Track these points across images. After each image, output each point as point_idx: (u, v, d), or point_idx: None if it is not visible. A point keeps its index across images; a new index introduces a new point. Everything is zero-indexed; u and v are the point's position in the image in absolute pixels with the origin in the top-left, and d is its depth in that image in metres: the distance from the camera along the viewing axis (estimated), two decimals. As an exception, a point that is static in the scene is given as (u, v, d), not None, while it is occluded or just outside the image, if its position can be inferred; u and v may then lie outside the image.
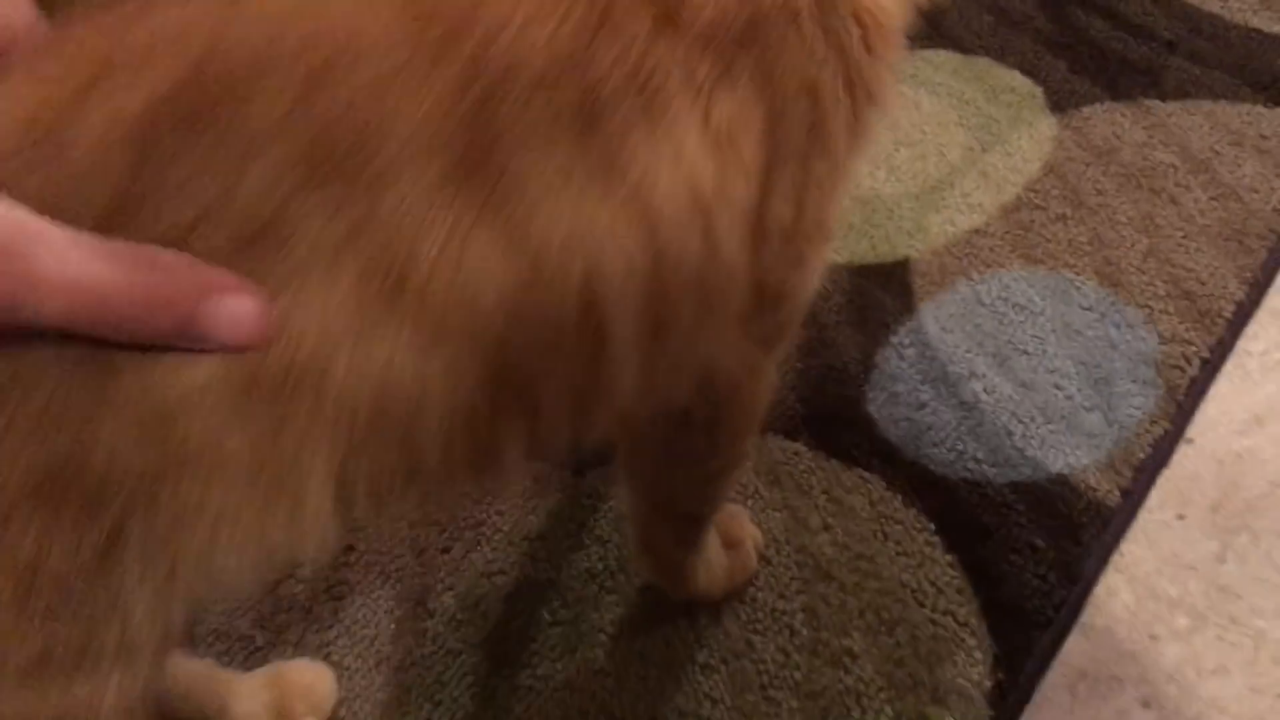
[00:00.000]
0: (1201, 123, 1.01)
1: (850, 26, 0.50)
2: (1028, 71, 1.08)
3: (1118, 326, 0.87)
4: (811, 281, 0.57)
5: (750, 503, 0.80)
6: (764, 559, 0.77)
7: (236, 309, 0.38)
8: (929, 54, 1.12)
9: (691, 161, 0.44)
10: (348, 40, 0.39)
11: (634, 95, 0.43)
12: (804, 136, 0.50)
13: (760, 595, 0.75)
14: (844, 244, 0.95)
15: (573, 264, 0.41)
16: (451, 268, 0.39)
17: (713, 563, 0.73)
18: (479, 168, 0.40)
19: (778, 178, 0.49)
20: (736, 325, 0.52)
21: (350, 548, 0.81)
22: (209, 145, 0.37)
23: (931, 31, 1.13)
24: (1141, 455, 0.80)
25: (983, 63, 1.10)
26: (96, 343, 0.36)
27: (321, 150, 0.38)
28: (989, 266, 0.92)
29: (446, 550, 0.80)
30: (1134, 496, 0.78)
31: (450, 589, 0.77)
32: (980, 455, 0.81)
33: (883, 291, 0.92)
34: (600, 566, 0.77)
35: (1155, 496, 0.79)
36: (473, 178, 0.40)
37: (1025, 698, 0.70)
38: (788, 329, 0.58)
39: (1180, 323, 0.87)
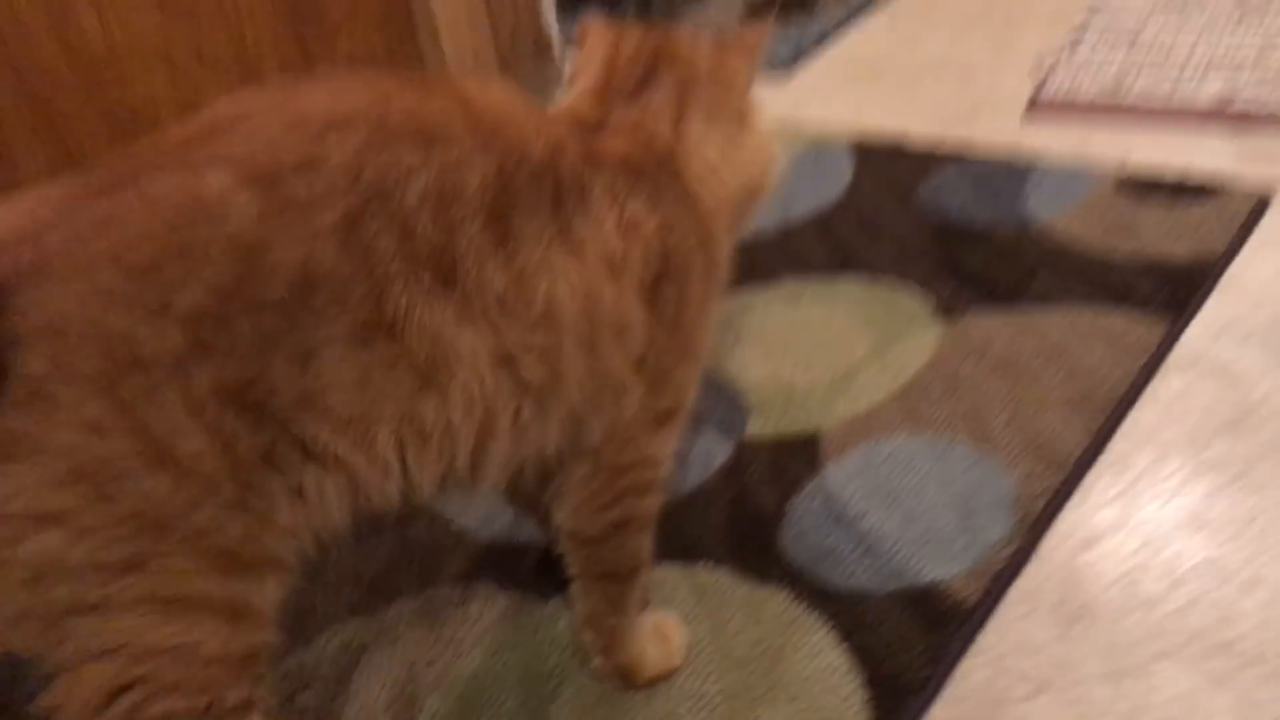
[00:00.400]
0: (1059, 321, 1.25)
1: (698, 187, 0.83)
2: (921, 288, 1.33)
3: (984, 473, 1.08)
4: (691, 379, 0.84)
5: (680, 613, 0.99)
6: (690, 654, 0.95)
7: None
8: (845, 276, 1.38)
9: (609, 237, 0.76)
10: (444, 127, 0.70)
11: (578, 192, 0.76)
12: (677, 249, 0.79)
13: (687, 681, 0.93)
14: (767, 422, 1.18)
15: (540, 284, 0.72)
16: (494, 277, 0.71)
17: (646, 643, 0.92)
18: (501, 221, 0.71)
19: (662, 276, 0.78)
20: (635, 376, 0.78)
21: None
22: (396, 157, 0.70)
23: (848, 260, 1.39)
24: (999, 568, 0.98)
25: (887, 282, 1.35)
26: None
27: (443, 191, 0.69)
28: (882, 435, 1.14)
29: (431, 663, 0.99)
30: (991, 598, 0.97)
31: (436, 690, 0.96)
32: (868, 572, 1.00)
33: (796, 457, 1.13)
34: (555, 668, 0.96)
35: (1009, 598, 0.97)
36: (498, 226, 0.71)
37: (898, 752, 0.87)
38: (674, 417, 0.83)
39: (1034, 469, 1.07)
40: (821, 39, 2.01)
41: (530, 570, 1.06)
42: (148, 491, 0.62)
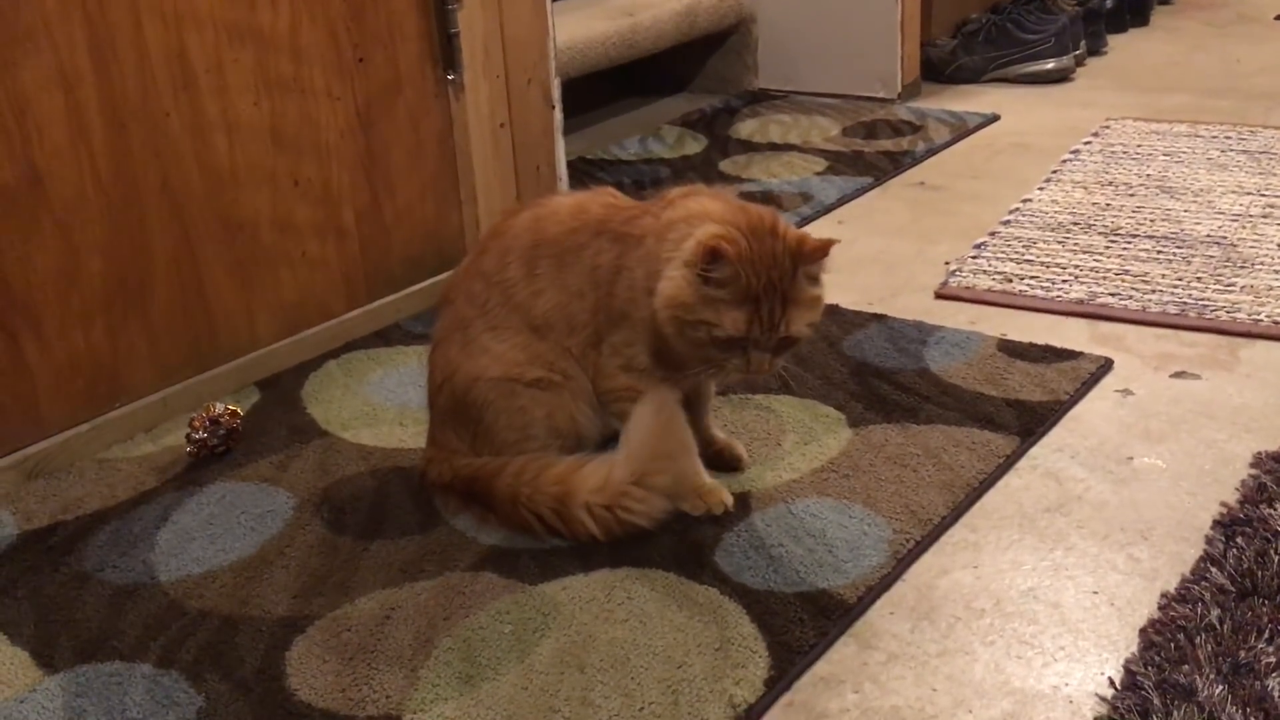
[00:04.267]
0: (939, 434, 1.63)
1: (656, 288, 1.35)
2: (837, 407, 1.73)
3: (871, 525, 1.44)
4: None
5: (636, 599, 1.33)
6: (643, 624, 1.29)
7: None
8: (779, 397, 1.77)
9: (580, 282, 1.38)
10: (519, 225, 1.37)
11: (563, 254, 1.37)
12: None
13: (638, 638, 1.27)
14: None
15: (547, 307, 1.36)
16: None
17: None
18: (534, 268, 1.40)
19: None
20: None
21: None
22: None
23: (785, 385, 1.78)
24: (873, 582, 1.34)
25: (810, 400, 1.75)
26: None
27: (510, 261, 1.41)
28: (797, 498, 1.51)
29: (446, 618, 1.32)
30: (865, 601, 1.32)
31: None
32: (777, 579, 1.35)
33: (732, 510, 1.49)
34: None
35: (879, 603, 1.32)
36: (532, 273, 1.40)
37: (787, 688, 1.20)
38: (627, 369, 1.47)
39: (907, 525, 1.44)
40: (781, 234, 2.46)
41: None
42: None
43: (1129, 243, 2.25)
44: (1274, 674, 1.16)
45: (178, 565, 1.46)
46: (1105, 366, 1.81)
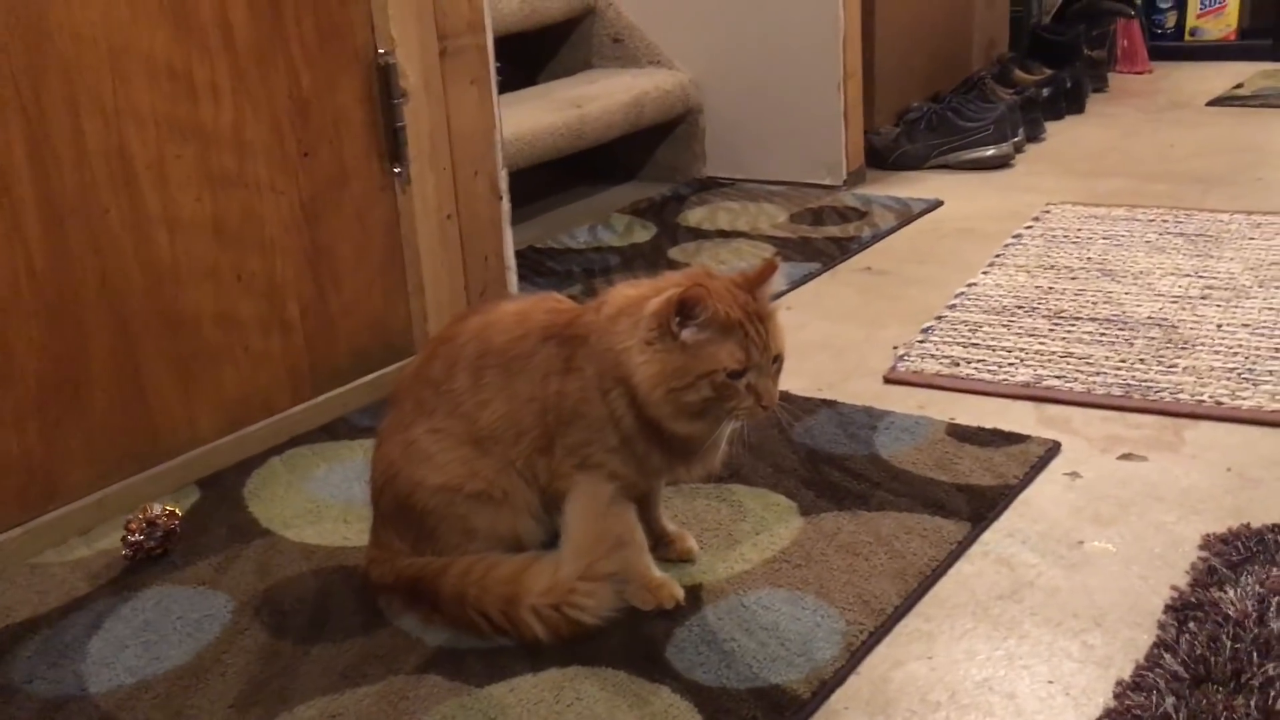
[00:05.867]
0: (890, 521, 1.62)
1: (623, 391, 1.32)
2: (788, 495, 1.71)
3: (823, 617, 1.42)
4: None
5: (585, 699, 1.29)
6: (593, 726, 1.25)
7: None
8: (733, 483, 1.75)
9: (530, 389, 1.33)
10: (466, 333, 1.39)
11: (509, 363, 1.36)
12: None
13: (588, 739, 1.23)
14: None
15: (494, 418, 1.34)
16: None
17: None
18: (480, 378, 1.39)
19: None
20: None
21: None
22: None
23: (736, 474, 1.77)
24: (827, 676, 1.32)
25: (763, 490, 1.73)
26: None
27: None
28: (750, 590, 1.49)
29: (396, 725, 1.27)
30: (819, 697, 1.30)
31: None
32: (729, 675, 1.33)
33: (683, 604, 1.47)
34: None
35: (833, 698, 1.30)
36: (479, 383, 1.37)
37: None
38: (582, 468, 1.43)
39: (860, 616, 1.42)
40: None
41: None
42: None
43: (1072, 325, 2.28)
44: (1232, 763, 1.15)
45: (109, 676, 1.40)
46: (1053, 450, 1.81)
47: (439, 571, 1.44)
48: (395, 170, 2.09)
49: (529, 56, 3.67)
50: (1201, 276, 2.49)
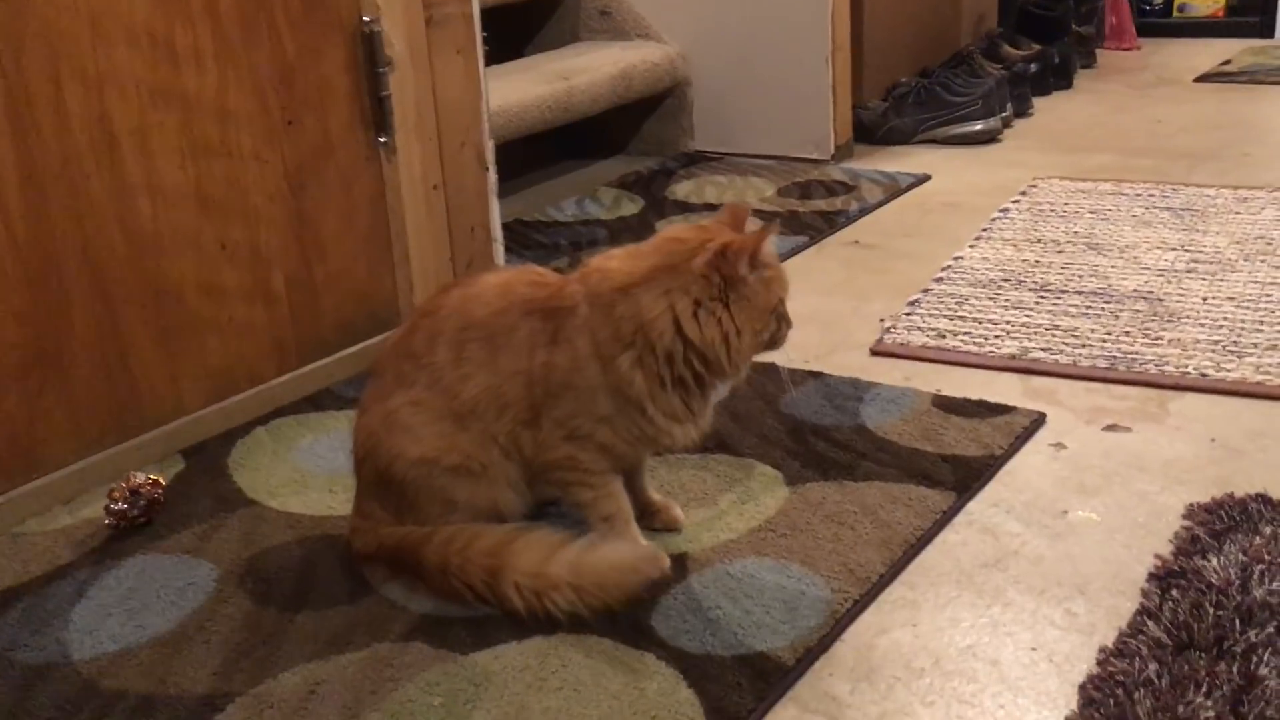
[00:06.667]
0: (876, 491, 1.62)
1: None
2: (774, 465, 1.71)
3: (808, 585, 1.42)
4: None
5: (573, 667, 1.29)
6: (579, 694, 1.25)
7: None
8: (719, 454, 1.75)
9: (514, 363, 1.31)
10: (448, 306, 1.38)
11: (492, 337, 1.34)
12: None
13: (573, 708, 1.23)
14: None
15: (475, 391, 1.28)
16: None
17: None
18: (461, 351, 1.39)
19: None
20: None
21: None
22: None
23: (722, 444, 1.77)
24: (811, 644, 1.32)
25: (748, 460, 1.73)
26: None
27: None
28: (735, 559, 1.49)
29: (373, 692, 1.27)
30: (804, 663, 1.30)
31: None
32: (715, 642, 1.33)
33: (669, 573, 1.47)
34: None
35: (818, 664, 1.30)
36: (460, 357, 1.38)
37: (726, 755, 1.17)
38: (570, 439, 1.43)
39: (845, 584, 1.42)
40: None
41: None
42: None
43: (1059, 298, 2.28)
44: (1212, 727, 1.15)
45: (93, 643, 1.40)
46: (1038, 421, 1.82)
47: (421, 540, 1.44)
48: (381, 140, 2.08)
49: (516, 29, 3.65)
50: (1187, 250, 2.49)
